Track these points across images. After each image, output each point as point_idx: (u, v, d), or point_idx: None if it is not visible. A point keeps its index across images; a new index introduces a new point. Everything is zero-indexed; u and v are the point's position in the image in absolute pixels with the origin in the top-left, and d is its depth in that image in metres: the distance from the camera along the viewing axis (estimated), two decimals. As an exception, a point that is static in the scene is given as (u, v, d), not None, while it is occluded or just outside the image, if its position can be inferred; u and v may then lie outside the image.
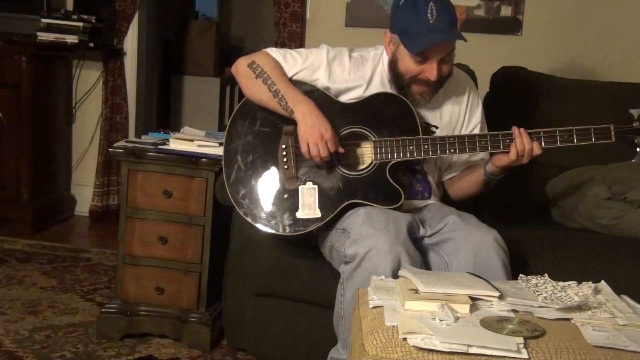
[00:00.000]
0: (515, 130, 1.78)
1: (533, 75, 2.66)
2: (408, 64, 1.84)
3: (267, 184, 1.89)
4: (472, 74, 2.46)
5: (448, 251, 1.75)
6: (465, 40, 1.76)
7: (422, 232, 1.82)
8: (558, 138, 1.79)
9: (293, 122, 1.89)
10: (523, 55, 3.24)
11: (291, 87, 1.89)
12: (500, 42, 3.32)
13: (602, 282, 1.48)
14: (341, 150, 1.85)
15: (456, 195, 2.07)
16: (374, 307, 1.34)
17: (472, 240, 1.71)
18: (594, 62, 3.26)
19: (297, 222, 1.85)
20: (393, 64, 1.89)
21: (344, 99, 1.94)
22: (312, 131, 1.81)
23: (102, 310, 2.29)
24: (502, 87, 2.63)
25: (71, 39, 3.47)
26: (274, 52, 1.97)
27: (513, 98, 2.58)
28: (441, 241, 1.78)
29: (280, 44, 3.45)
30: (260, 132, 1.93)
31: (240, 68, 1.96)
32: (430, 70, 1.81)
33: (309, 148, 1.82)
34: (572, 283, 1.45)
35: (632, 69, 3.20)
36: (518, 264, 1.76)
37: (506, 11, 3.31)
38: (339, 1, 3.45)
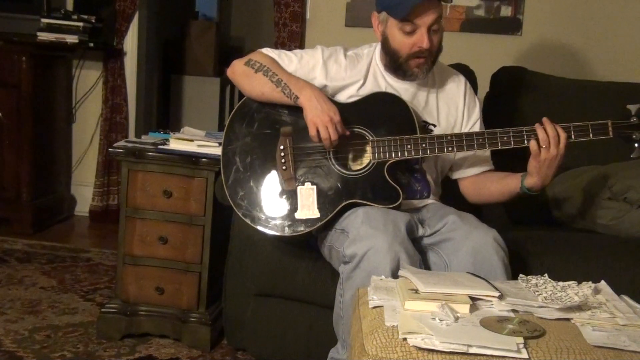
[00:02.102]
0: (536, 125, 1.74)
1: (533, 75, 2.66)
2: (399, 38, 1.84)
3: (266, 185, 1.89)
4: (472, 74, 2.47)
5: (447, 251, 1.75)
6: (450, 1, 1.80)
7: (421, 231, 1.81)
8: None
9: (290, 123, 1.89)
10: (523, 55, 3.24)
11: (292, 76, 1.90)
12: (500, 42, 3.32)
13: (602, 282, 1.48)
14: (347, 133, 1.84)
15: (476, 199, 2.03)
16: (374, 307, 1.34)
17: (471, 240, 1.71)
18: (594, 62, 3.26)
19: (296, 222, 1.85)
20: (385, 44, 1.89)
21: (341, 97, 1.94)
22: (321, 114, 1.80)
23: (102, 310, 2.29)
24: (502, 87, 2.63)
25: (71, 39, 3.47)
26: (269, 51, 1.98)
27: (513, 98, 2.58)
28: (441, 241, 1.78)
29: (280, 44, 3.45)
30: (258, 134, 1.93)
31: (237, 68, 1.97)
32: (421, 38, 1.81)
33: (318, 132, 1.81)
34: (572, 283, 1.45)
35: (632, 68, 3.20)
36: (518, 264, 1.76)
37: (506, 11, 3.31)
38: (339, 1, 3.45)
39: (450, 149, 1.82)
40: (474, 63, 2.54)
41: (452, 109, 2.01)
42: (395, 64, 1.89)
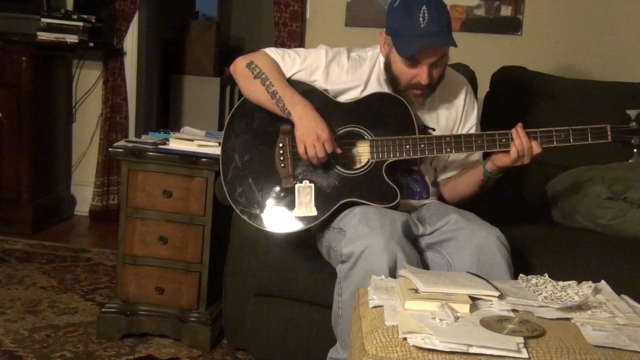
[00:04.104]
0: (513, 131, 1.78)
1: (533, 75, 2.66)
2: (400, 66, 1.84)
3: (264, 183, 1.89)
4: (472, 74, 2.47)
5: (450, 250, 1.75)
6: (455, 46, 1.77)
7: (421, 230, 1.82)
8: (554, 138, 1.79)
9: (290, 122, 1.89)
10: (523, 55, 3.24)
11: (289, 89, 1.90)
12: (500, 42, 3.32)
13: (602, 281, 1.48)
14: (338, 150, 1.86)
15: (452, 196, 2.05)
16: (374, 307, 1.34)
17: (475, 238, 1.71)
18: (593, 62, 3.26)
19: (293, 220, 1.85)
20: (387, 66, 1.90)
21: (342, 99, 1.95)
22: (309, 132, 1.81)
23: (102, 310, 2.29)
24: (502, 87, 2.63)
25: (71, 38, 3.47)
26: (273, 52, 1.98)
27: (513, 98, 2.58)
28: (443, 240, 1.78)
29: (280, 43, 3.45)
30: (258, 131, 1.94)
31: (239, 68, 1.97)
32: (421, 75, 1.81)
33: (305, 149, 1.83)
34: (572, 283, 1.45)
35: (632, 68, 3.20)
36: (518, 264, 1.75)
37: (506, 11, 3.31)
38: (339, 1, 3.45)
39: (448, 149, 1.82)
40: (474, 63, 2.54)
41: (452, 112, 2.01)
42: (394, 88, 1.90)
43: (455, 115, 2.01)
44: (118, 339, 2.26)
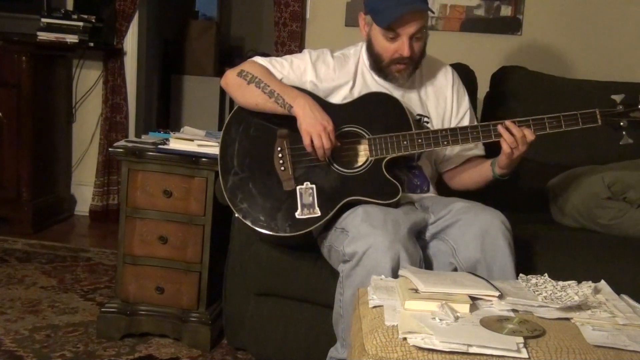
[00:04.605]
0: (499, 127, 1.81)
1: (533, 75, 2.66)
2: (381, 42, 1.88)
3: (265, 187, 1.89)
4: (472, 74, 2.47)
5: (454, 236, 1.75)
6: (433, 13, 1.81)
7: (426, 217, 1.83)
8: (547, 125, 1.82)
9: (286, 126, 1.90)
10: (523, 55, 3.24)
11: (285, 85, 1.92)
12: (500, 42, 3.33)
13: (602, 281, 1.49)
14: (339, 143, 1.87)
15: (458, 187, 2.10)
16: (374, 307, 1.34)
17: (479, 222, 1.72)
18: (593, 62, 3.26)
19: (296, 222, 1.85)
20: (369, 46, 1.94)
21: (335, 99, 1.97)
22: (315, 123, 1.82)
23: (102, 309, 2.29)
24: (502, 87, 2.63)
25: (71, 38, 3.47)
26: (260, 59, 2.01)
27: (513, 98, 2.58)
28: (447, 227, 1.79)
29: (280, 43, 3.45)
30: (255, 137, 1.95)
31: (230, 79, 1.98)
32: (402, 47, 1.85)
33: (312, 141, 1.83)
34: (572, 283, 1.45)
35: (632, 68, 3.20)
36: (518, 264, 1.76)
37: (506, 11, 3.31)
38: (339, 1, 3.45)
39: (445, 142, 1.85)
40: (474, 63, 2.54)
41: (441, 100, 2.04)
42: (377, 66, 1.94)
43: (444, 104, 2.05)
44: (118, 338, 2.26)
